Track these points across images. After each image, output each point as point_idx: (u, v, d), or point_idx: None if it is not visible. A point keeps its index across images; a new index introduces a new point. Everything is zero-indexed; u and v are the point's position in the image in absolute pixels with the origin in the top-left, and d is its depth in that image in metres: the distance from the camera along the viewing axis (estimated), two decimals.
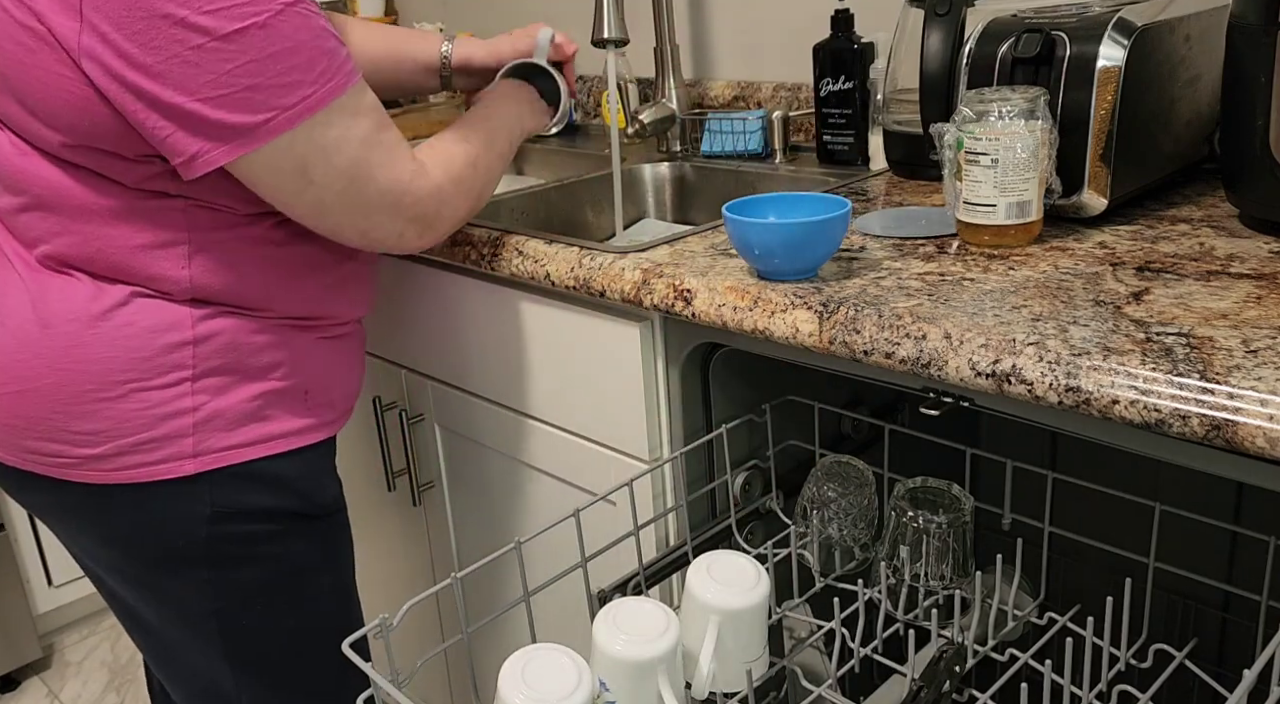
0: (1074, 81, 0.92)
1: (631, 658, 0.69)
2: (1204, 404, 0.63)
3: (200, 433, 0.91)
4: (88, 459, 0.89)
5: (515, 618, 0.85)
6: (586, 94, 1.94)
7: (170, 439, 0.90)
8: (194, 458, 0.91)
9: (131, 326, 0.88)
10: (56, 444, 0.89)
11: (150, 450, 0.89)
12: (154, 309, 0.89)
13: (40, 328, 0.87)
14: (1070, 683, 0.76)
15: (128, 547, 0.94)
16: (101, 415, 0.88)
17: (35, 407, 0.88)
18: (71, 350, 0.87)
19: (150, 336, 0.88)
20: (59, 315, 0.87)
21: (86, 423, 0.88)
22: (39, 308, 0.88)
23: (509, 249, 1.10)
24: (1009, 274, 0.86)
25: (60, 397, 0.88)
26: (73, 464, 0.90)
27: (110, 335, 0.87)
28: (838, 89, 1.37)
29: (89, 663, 2.15)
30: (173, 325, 0.89)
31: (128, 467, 0.89)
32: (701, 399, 1.06)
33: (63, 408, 0.88)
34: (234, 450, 0.93)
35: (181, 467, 0.91)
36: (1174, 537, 0.92)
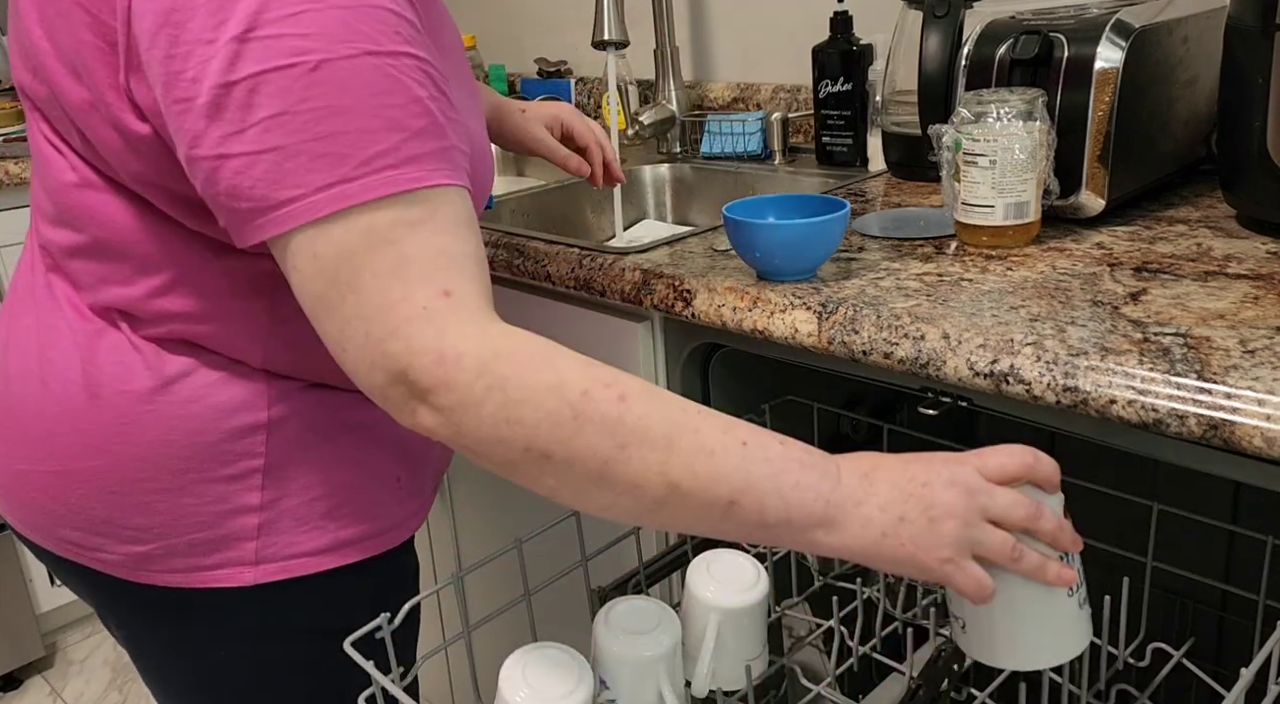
0: (1072, 83, 0.93)
1: (632, 656, 0.69)
2: (1201, 404, 0.63)
3: (266, 536, 0.75)
4: (131, 558, 0.75)
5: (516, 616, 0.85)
6: (587, 96, 1.94)
7: (230, 541, 0.74)
8: (255, 566, 0.75)
9: (196, 404, 0.72)
10: (98, 537, 0.74)
11: (205, 553, 0.74)
12: (224, 383, 0.73)
13: (88, 396, 0.72)
14: (1069, 682, 0.77)
15: (160, 652, 0.80)
16: (153, 509, 0.73)
17: (76, 492, 0.73)
18: (123, 429, 0.72)
19: (218, 417, 0.72)
20: (110, 382, 0.72)
21: (135, 517, 0.73)
22: (89, 369, 0.72)
23: (509, 249, 1.11)
24: (1007, 275, 0.86)
25: (106, 484, 0.73)
26: (114, 562, 0.75)
27: (170, 413, 0.72)
28: (837, 91, 1.37)
29: (91, 661, 2.15)
30: (246, 404, 0.73)
31: (177, 570, 0.75)
32: (701, 399, 1.06)
33: (108, 498, 0.73)
34: (302, 560, 0.76)
35: (239, 574, 0.75)
36: (1172, 536, 0.92)
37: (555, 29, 2.00)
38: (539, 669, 0.66)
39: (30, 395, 0.74)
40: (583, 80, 1.94)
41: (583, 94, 1.95)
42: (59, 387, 0.73)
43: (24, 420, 0.75)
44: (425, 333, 0.57)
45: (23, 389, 0.75)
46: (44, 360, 0.74)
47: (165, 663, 0.81)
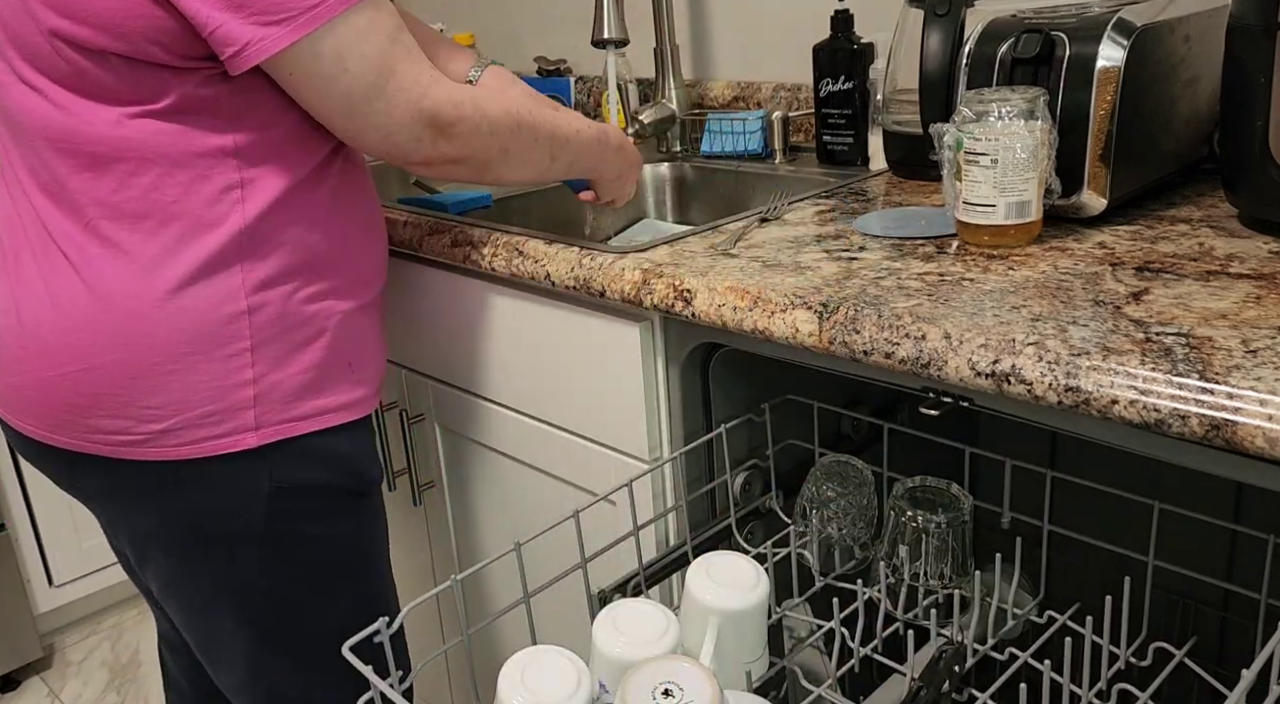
0: (1073, 82, 0.93)
1: (631, 660, 0.69)
2: (1203, 404, 0.63)
3: (261, 405, 0.91)
4: (154, 435, 0.89)
5: (515, 619, 0.85)
6: (587, 94, 1.94)
7: (233, 411, 0.90)
8: (255, 430, 0.91)
9: (191, 297, 0.88)
10: (123, 420, 0.89)
11: (215, 424, 0.90)
12: (209, 281, 0.88)
13: (100, 306, 0.87)
14: (1070, 681, 0.76)
15: (187, 524, 0.93)
16: (169, 388, 0.88)
17: (102, 383, 0.88)
18: (135, 323, 0.87)
19: (210, 307, 0.88)
20: (117, 293, 0.87)
21: (155, 396, 0.88)
22: (94, 287, 0.87)
23: (509, 249, 1.10)
24: (1008, 274, 0.86)
25: (127, 371, 0.87)
26: (138, 441, 0.89)
27: (172, 307, 0.87)
28: (837, 89, 1.37)
29: (89, 663, 2.15)
30: (228, 296, 0.89)
31: (193, 440, 0.90)
32: (701, 399, 1.06)
33: (130, 383, 0.88)
34: (292, 423, 0.93)
35: (244, 439, 0.91)
36: (1173, 535, 0.92)
37: (555, 28, 1.99)
38: (538, 672, 0.66)
39: (44, 318, 0.89)
40: (582, 79, 1.94)
41: (582, 93, 1.94)
42: (68, 304, 0.88)
43: (41, 338, 0.89)
44: (440, 91, 0.90)
45: (35, 316, 0.89)
46: (50, 287, 0.89)
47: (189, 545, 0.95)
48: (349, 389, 0.98)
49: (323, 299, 0.95)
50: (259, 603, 0.98)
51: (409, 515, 1.48)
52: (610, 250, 1.03)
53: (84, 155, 0.87)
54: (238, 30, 0.82)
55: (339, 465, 0.98)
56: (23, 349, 0.90)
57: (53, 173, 0.89)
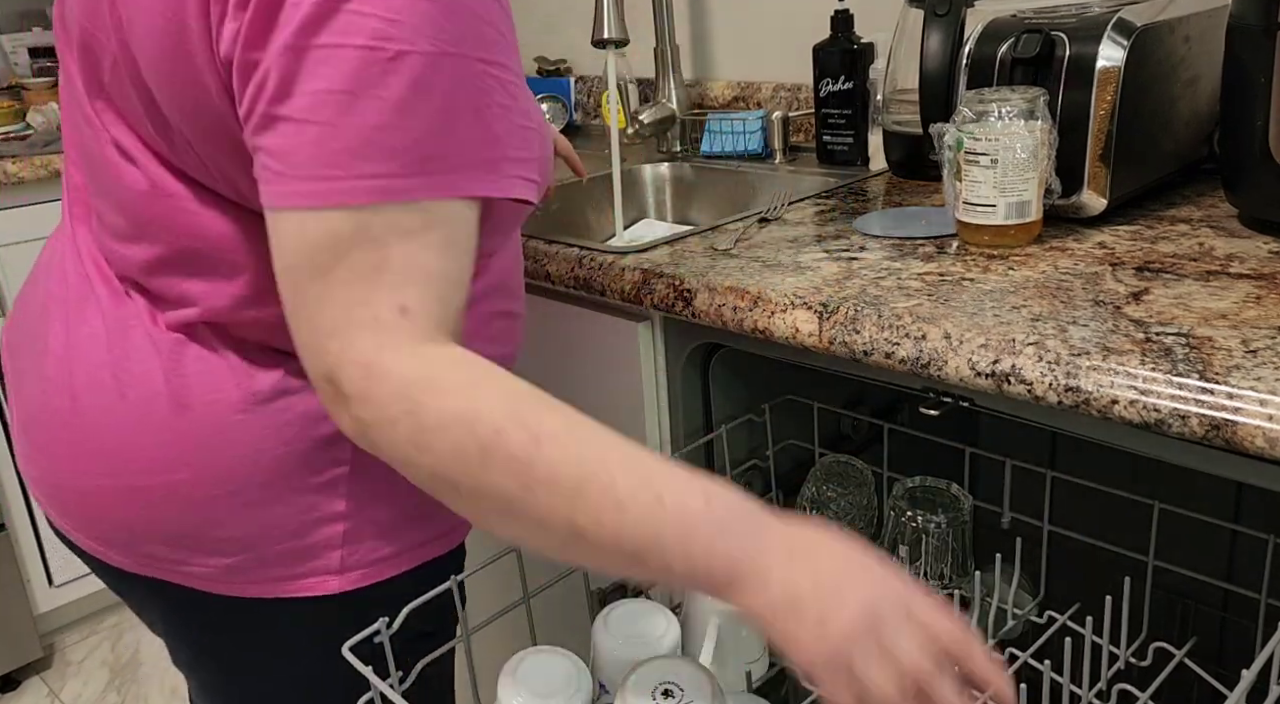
0: (1073, 82, 0.93)
1: (631, 659, 0.69)
2: (1203, 404, 0.63)
3: (350, 543, 0.74)
4: (219, 571, 0.72)
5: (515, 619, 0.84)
6: (587, 94, 1.94)
7: (318, 550, 0.73)
8: (340, 573, 0.74)
9: (288, 412, 0.70)
10: (182, 551, 0.72)
11: (294, 563, 0.73)
12: (308, 389, 0.70)
13: (174, 407, 0.69)
14: (1070, 681, 0.76)
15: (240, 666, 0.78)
16: (242, 521, 0.71)
17: (159, 507, 0.71)
18: (214, 439, 0.69)
19: (308, 425, 0.70)
20: (200, 394, 0.69)
21: (224, 530, 0.71)
22: (173, 380, 0.69)
23: None
24: (1008, 274, 0.86)
25: (196, 496, 0.70)
26: (199, 576, 0.73)
27: (262, 422, 0.69)
28: (837, 89, 1.37)
29: (89, 662, 2.15)
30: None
31: (266, 580, 0.73)
32: (701, 399, 1.06)
33: (198, 511, 0.70)
34: (380, 566, 0.76)
35: (325, 583, 0.74)
36: (1173, 535, 0.92)
37: (555, 27, 1.99)
38: (538, 673, 0.66)
39: (104, 407, 0.70)
40: (582, 79, 1.94)
41: (582, 93, 1.94)
42: (139, 397, 0.70)
43: (97, 434, 0.71)
44: (366, 342, 0.57)
45: (94, 401, 0.71)
46: (120, 370, 0.70)
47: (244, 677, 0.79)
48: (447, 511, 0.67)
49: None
50: None
51: None
52: (610, 250, 1.03)
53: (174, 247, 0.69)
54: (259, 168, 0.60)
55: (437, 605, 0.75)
56: (65, 440, 0.72)
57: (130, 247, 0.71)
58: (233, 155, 0.63)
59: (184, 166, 0.67)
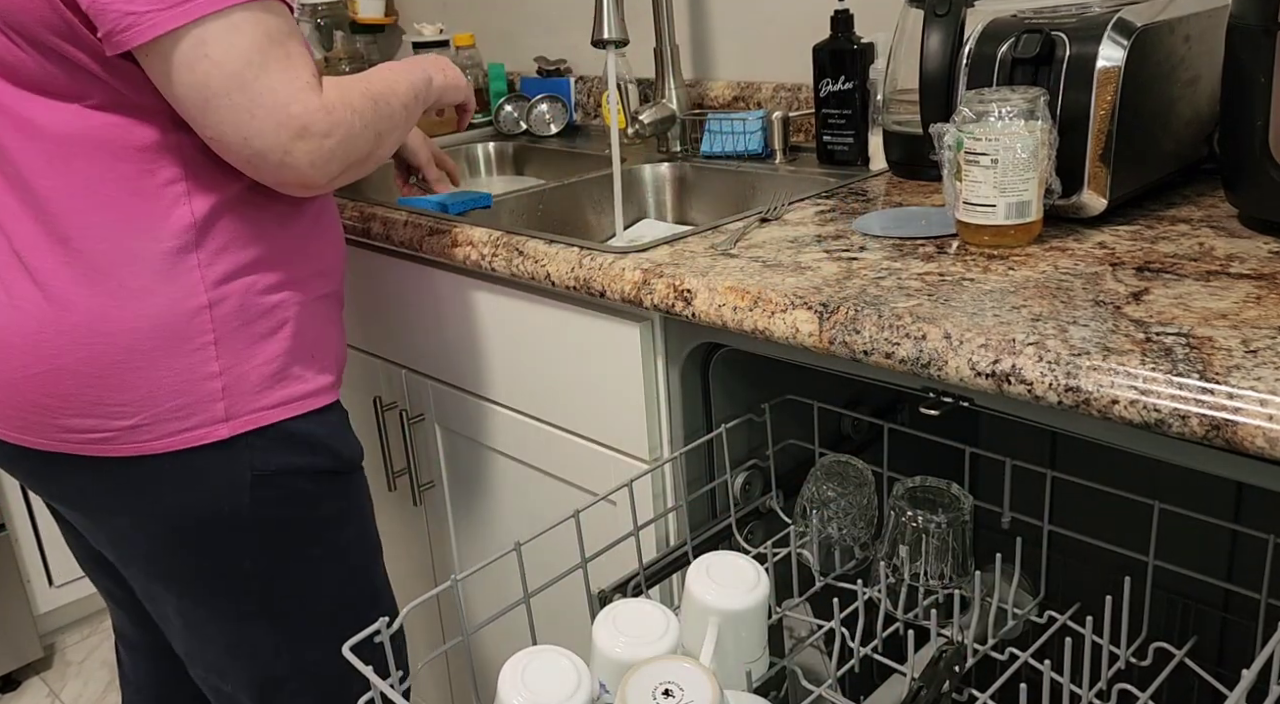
0: (1074, 82, 0.93)
1: (631, 660, 0.69)
2: (1203, 404, 0.63)
3: (230, 396, 0.93)
4: (124, 431, 0.90)
5: (515, 619, 0.85)
6: (587, 94, 1.94)
7: (202, 404, 0.91)
8: (226, 421, 0.93)
9: (152, 295, 0.89)
10: (92, 419, 0.90)
11: (185, 417, 0.91)
12: (167, 277, 0.89)
13: (59, 308, 0.88)
14: (1070, 681, 0.76)
15: (172, 516, 0.95)
16: (134, 385, 0.89)
17: (68, 382, 0.89)
18: (96, 324, 0.88)
19: (171, 303, 0.89)
20: (76, 294, 0.88)
21: (121, 394, 0.89)
22: (49, 289, 0.88)
23: (509, 249, 1.10)
24: (1009, 274, 0.86)
25: (92, 370, 0.88)
26: (109, 437, 0.90)
27: (133, 307, 0.88)
28: (837, 89, 1.37)
29: (90, 663, 2.15)
30: (188, 291, 0.90)
31: (165, 434, 0.91)
32: (701, 399, 1.06)
33: (95, 381, 0.89)
34: (264, 412, 0.95)
35: (215, 431, 0.92)
36: (1174, 535, 0.92)
37: (555, 28, 1.99)
38: (538, 673, 0.66)
39: (5, 322, 0.90)
40: (582, 79, 1.94)
41: (582, 93, 1.94)
42: (30, 305, 0.89)
43: (4, 341, 0.90)
44: (313, 97, 0.86)
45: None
46: (11, 294, 0.90)
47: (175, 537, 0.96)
48: (314, 376, 1.00)
49: (281, 291, 0.96)
50: (247, 587, 0.99)
51: (409, 515, 1.48)
52: (610, 250, 1.03)
53: (39, 152, 0.87)
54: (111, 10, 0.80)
55: (315, 448, 0.99)
56: None
57: (17, 171, 0.89)
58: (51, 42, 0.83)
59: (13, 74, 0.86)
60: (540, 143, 1.84)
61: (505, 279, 1.16)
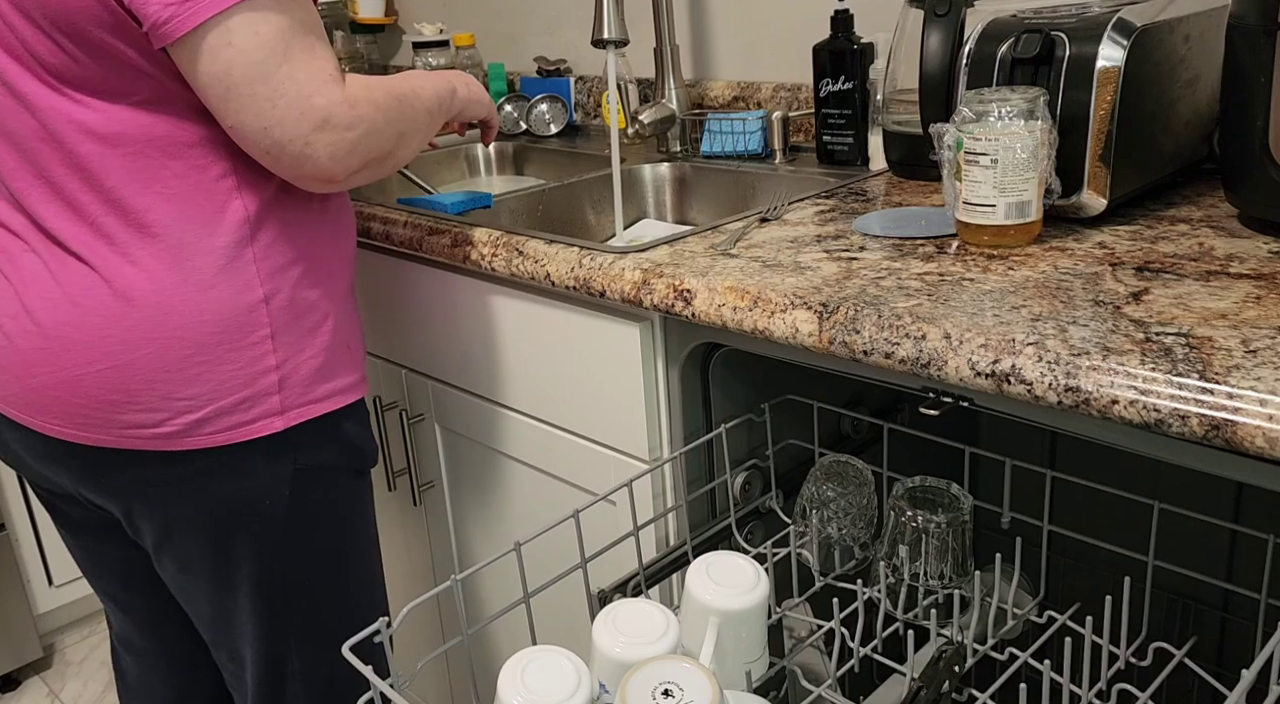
0: (1073, 82, 0.93)
1: (631, 660, 0.69)
2: (1203, 404, 0.63)
3: (285, 390, 0.95)
4: (190, 425, 0.92)
5: (515, 619, 0.85)
6: (586, 94, 1.94)
7: (261, 397, 0.94)
8: (281, 415, 0.95)
9: (215, 288, 0.90)
10: (159, 413, 0.91)
11: (246, 410, 0.93)
12: (228, 271, 0.91)
13: (124, 303, 0.89)
14: (1070, 681, 0.76)
15: (219, 509, 0.96)
16: (202, 379, 0.91)
17: (136, 378, 0.90)
18: (164, 318, 0.89)
19: (232, 297, 0.91)
20: (141, 289, 0.89)
21: (189, 388, 0.91)
22: (115, 284, 0.89)
23: (509, 249, 1.10)
24: (1008, 274, 0.86)
25: (159, 365, 0.90)
26: (175, 433, 0.92)
27: (198, 300, 0.90)
28: (837, 89, 1.37)
29: (90, 662, 2.15)
30: (246, 285, 0.92)
31: (226, 428, 0.93)
32: (701, 399, 1.06)
33: (164, 375, 0.90)
34: (312, 405, 0.97)
35: (272, 424, 0.94)
36: (1173, 535, 0.92)
37: (554, 27, 1.99)
38: (538, 673, 0.66)
39: (64, 319, 0.89)
40: (582, 79, 1.94)
41: (582, 93, 1.94)
42: (93, 302, 0.89)
43: (66, 337, 0.90)
44: (336, 90, 0.86)
45: (53, 316, 0.90)
46: (68, 288, 0.89)
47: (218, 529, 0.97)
48: (351, 370, 1.02)
49: (322, 283, 0.98)
50: (276, 581, 1.01)
51: (409, 515, 1.48)
52: (610, 250, 1.03)
53: (94, 150, 0.87)
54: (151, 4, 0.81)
55: (349, 445, 1.02)
56: (42, 350, 0.90)
57: (77, 167, 0.88)
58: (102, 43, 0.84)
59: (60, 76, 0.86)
60: (540, 143, 1.84)
61: (505, 279, 1.16)
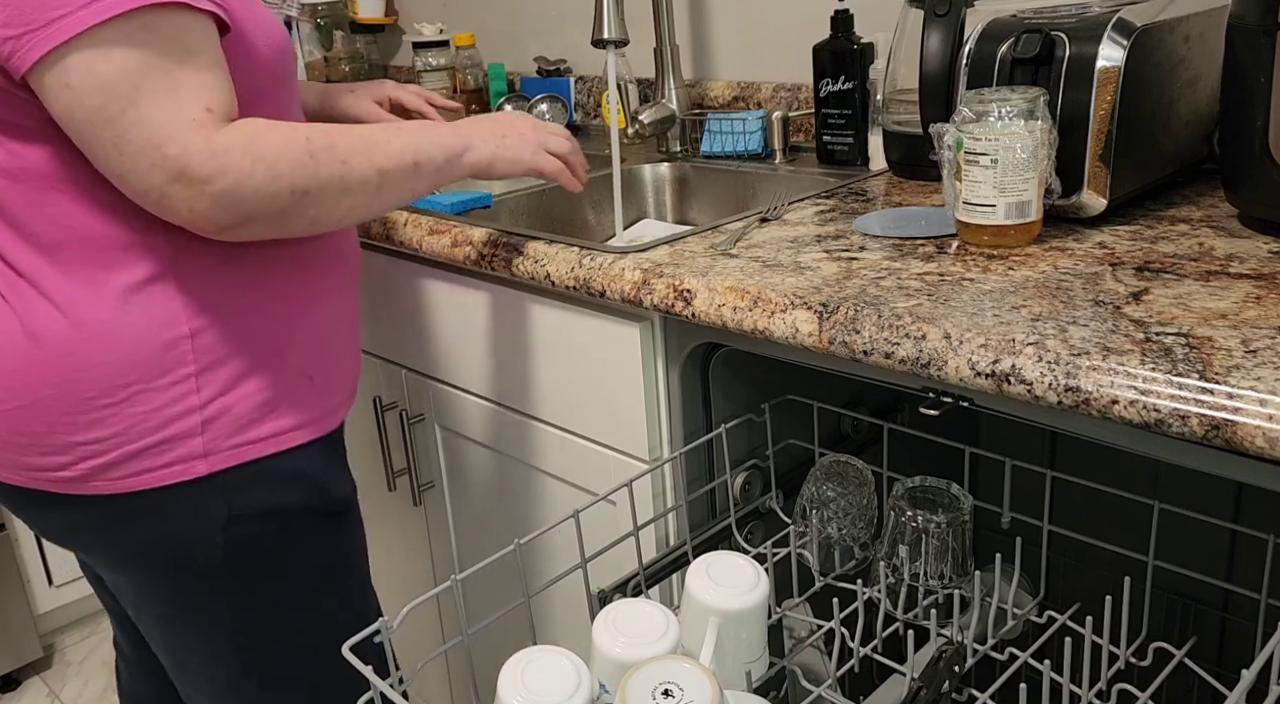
0: (1073, 82, 0.93)
1: (631, 660, 0.69)
2: (1203, 404, 0.63)
3: (210, 431, 0.87)
4: (96, 470, 0.85)
5: (515, 619, 0.84)
6: (586, 94, 1.94)
7: (179, 440, 0.86)
8: (205, 457, 0.87)
9: (126, 327, 0.83)
10: (63, 457, 0.85)
11: (160, 454, 0.86)
12: (144, 306, 0.84)
13: (31, 342, 0.83)
14: (1070, 681, 0.76)
15: (144, 561, 0.90)
16: (107, 422, 0.84)
17: (37, 421, 0.84)
18: (68, 359, 0.83)
19: (147, 334, 0.84)
20: (46, 326, 0.83)
21: (92, 431, 0.84)
22: (26, 322, 0.83)
23: (509, 249, 1.10)
24: (1008, 274, 0.86)
25: (61, 407, 0.83)
26: (78, 477, 0.86)
27: (105, 340, 0.83)
28: (837, 89, 1.37)
29: (89, 662, 2.15)
30: (167, 321, 0.84)
31: (138, 472, 0.86)
32: (701, 399, 1.06)
33: (66, 419, 0.83)
34: (246, 447, 0.89)
35: (193, 468, 0.87)
36: (1173, 535, 0.92)
37: (554, 27, 1.99)
38: (538, 673, 0.66)
39: None
40: (582, 79, 1.94)
41: (582, 93, 1.94)
42: (3, 340, 0.83)
43: None
44: (197, 136, 0.74)
45: None
46: None
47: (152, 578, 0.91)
48: (310, 405, 0.93)
49: (283, 312, 0.90)
50: (225, 632, 0.94)
51: (409, 515, 1.48)
52: (610, 250, 1.03)
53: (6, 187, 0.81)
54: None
55: (302, 486, 0.93)
56: None
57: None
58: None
59: None
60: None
61: (505, 279, 1.16)
